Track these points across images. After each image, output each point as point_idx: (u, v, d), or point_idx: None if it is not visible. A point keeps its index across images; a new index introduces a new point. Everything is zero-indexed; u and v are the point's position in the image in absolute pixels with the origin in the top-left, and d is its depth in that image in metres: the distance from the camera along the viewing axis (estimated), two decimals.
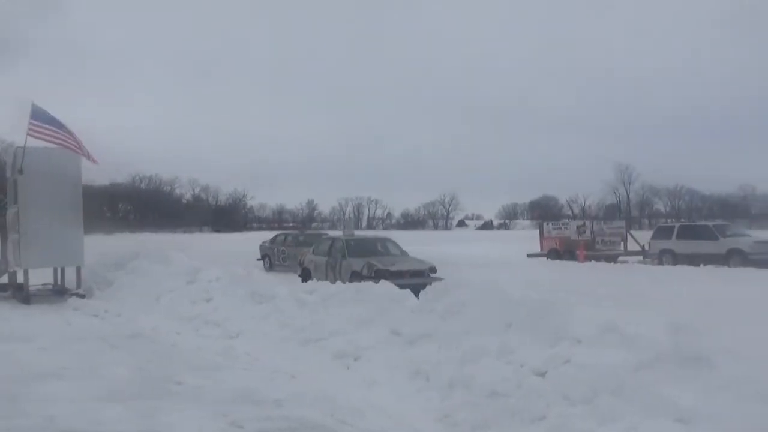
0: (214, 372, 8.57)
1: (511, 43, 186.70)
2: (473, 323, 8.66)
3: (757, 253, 26.16)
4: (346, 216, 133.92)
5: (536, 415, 6.24)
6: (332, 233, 29.93)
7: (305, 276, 20.19)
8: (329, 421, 6.51)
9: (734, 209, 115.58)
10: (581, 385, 6.32)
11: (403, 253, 20.06)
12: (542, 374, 6.90)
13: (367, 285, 11.55)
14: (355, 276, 17.14)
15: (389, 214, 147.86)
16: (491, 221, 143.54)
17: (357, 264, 18.33)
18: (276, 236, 31.78)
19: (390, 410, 6.92)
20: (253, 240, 40.32)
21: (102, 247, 18.86)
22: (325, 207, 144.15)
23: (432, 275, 17.37)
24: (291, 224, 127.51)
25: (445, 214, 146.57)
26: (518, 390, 6.70)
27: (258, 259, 30.30)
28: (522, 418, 6.27)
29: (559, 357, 7.09)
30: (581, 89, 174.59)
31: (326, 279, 17.38)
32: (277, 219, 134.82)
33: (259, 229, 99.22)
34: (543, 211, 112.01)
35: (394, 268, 17.45)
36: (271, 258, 29.70)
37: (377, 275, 16.48)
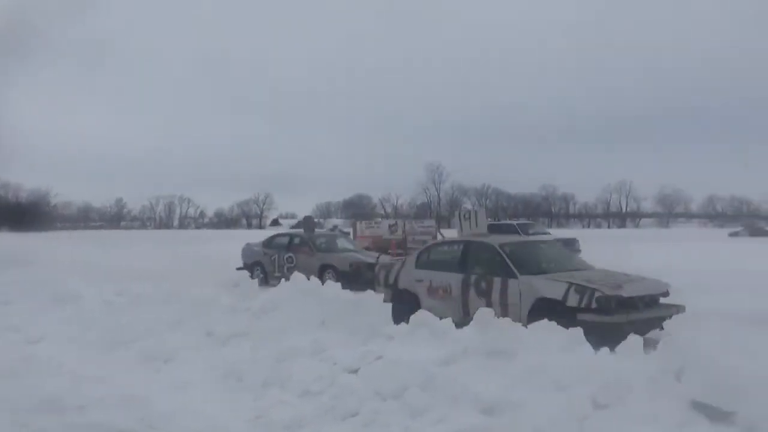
0: (13, 380, 8.07)
1: (319, 41, 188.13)
2: (288, 322, 8.68)
3: None
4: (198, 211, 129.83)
5: (349, 412, 6.32)
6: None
7: (404, 305, 11.15)
8: (138, 426, 6.31)
9: (537, 208, 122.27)
10: (393, 381, 6.46)
11: (584, 264, 12.07)
12: (355, 371, 7.01)
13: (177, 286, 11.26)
14: (545, 306, 9.95)
15: (202, 213, 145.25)
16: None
17: (547, 286, 10.34)
18: (274, 237, 23.63)
19: (202, 412, 6.78)
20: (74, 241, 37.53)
21: None
22: (134, 205, 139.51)
23: (664, 301, 10.60)
24: (99, 223, 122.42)
25: (260, 212, 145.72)
26: (331, 387, 6.77)
27: (239, 269, 21.65)
28: (335, 416, 6.34)
29: (371, 354, 7.24)
30: (393, 89, 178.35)
31: (462, 312, 10.94)
32: (83, 218, 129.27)
33: (63, 228, 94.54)
34: (356, 210, 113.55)
35: (626, 294, 9.91)
36: (266, 267, 21.69)
37: (600, 306, 9.66)
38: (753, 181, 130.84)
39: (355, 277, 18.42)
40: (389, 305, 9.25)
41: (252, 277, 19.26)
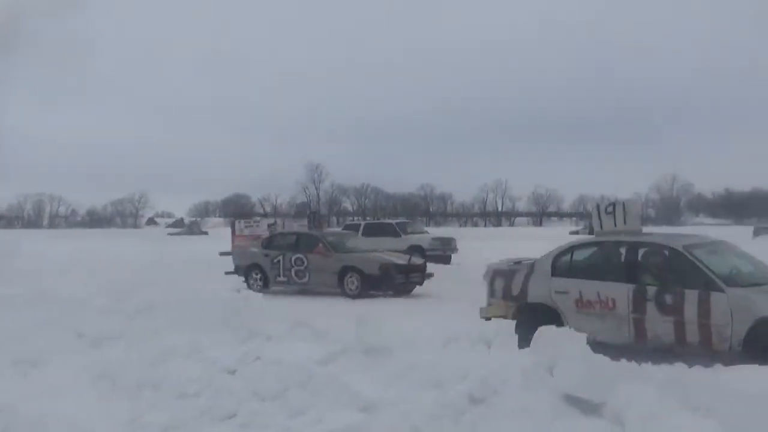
0: None
1: (200, 42, 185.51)
2: (164, 322, 8.51)
3: (434, 249, 28.15)
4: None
5: (227, 413, 6.24)
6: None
7: (537, 323, 7.34)
8: None
9: (415, 207, 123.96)
10: (271, 381, 6.43)
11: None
12: (233, 372, 6.94)
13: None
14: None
15: (74, 212, 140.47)
16: (182, 219, 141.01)
17: None
18: (276, 235, 20.47)
19: (73, 417, 6.55)
20: None
21: None
22: (0, 204, 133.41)
23: None
24: None
25: (135, 211, 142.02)
26: (209, 389, 6.67)
27: (228, 273, 19.26)
28: (212, 417, 6.24)
29: (250, 354, 7.18)
30: (272, 88, 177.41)
31: (635, 334, 8.82)
32: None
33: None
34: (235, 209, 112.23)
35: None
36: (266, 270, 18.46)
37: None
38: (621, 181, 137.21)
39: (385, 281, 16.85)
40: (267, 305, 9.07)
41: (247, 282, 18.36)
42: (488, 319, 9.78)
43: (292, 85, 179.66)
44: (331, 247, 17.91)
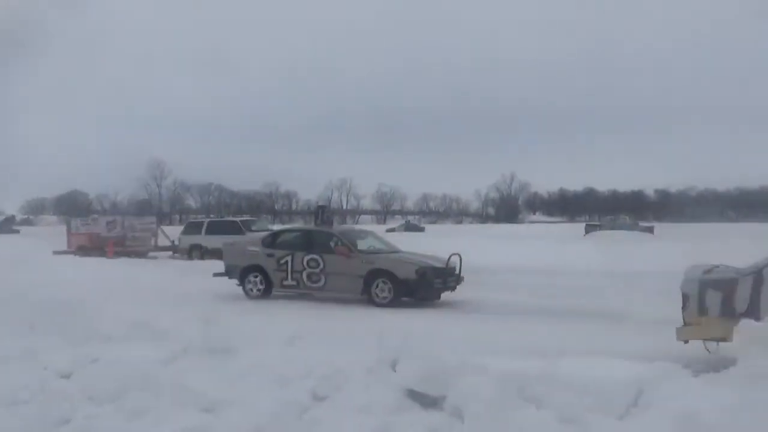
0: None
1: (43, 32, 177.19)
2: None
3: None
4: None
5: (60, 420, 5.97)
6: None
7: None
8: None
9: (260, 205, 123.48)
10: (109, 383, 6.22)
11: None
12: (68, 376, 6.66)
13: None
14: None
15: None
16: (13, 216, 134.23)
17: None
18: (280, 232, 18.11)
19: None
20: None
21: None
22: None
23: None
24: None
25: None
26: (41, 395, 6.36)
27: (218, 274, 16.88)
28: (44, 424, 5.95)
29: (86, 357, 6.93)
30: (114, 82, 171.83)
31: None
32: None
33: None
34: (70, 207, 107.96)
35: None
36: (270, 273, 16.03)
37: None
38: (462, 180, 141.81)
39: (422, 287, 14.60)
40: (106, 305, 8.76)
41: (243, 286, 16.17)
42: (686, 342, 7.74)
43: (135, 79, 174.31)
44: (355, 247, 15.50)
